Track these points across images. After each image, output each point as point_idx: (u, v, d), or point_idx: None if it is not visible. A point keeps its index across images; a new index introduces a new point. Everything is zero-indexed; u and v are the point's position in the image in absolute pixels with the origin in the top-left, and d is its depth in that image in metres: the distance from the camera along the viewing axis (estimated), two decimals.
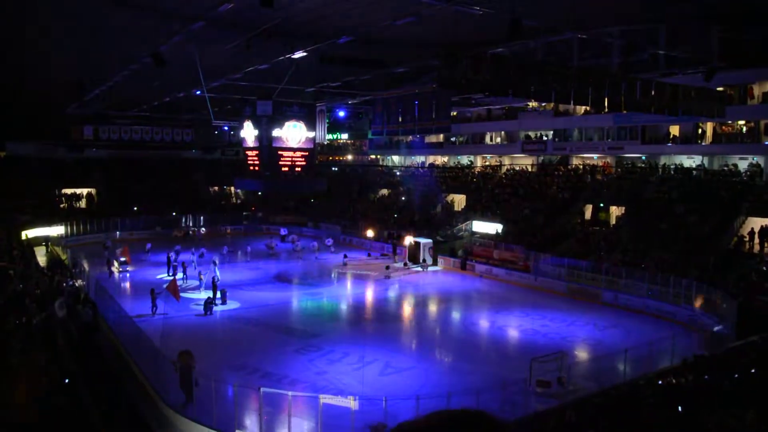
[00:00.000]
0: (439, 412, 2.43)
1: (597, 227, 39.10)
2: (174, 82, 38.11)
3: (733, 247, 31.68)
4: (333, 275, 39.00)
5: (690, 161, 40.44)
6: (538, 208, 43.00)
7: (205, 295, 30.37)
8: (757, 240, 31.19)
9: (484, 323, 28.63)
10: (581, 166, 47.31)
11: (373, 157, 72.25)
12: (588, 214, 41.61)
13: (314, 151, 36.15)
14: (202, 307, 28.49)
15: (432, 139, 61.28)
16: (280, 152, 33.34)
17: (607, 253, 34.45)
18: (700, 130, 39.71)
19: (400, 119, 29.60)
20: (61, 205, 56.10)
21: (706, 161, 39.71)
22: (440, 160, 63.58)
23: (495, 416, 2.29)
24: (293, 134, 33.60)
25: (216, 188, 67.88)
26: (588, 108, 39.04)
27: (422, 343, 25.84)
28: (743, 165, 37.46)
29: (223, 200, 66.42)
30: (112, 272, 36.78)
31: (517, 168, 51.76)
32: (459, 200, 52.09)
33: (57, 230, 47.78)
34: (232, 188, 65.41)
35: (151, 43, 27.79)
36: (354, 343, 24.60)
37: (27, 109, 52.01)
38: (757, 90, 36.46)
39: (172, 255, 37.97)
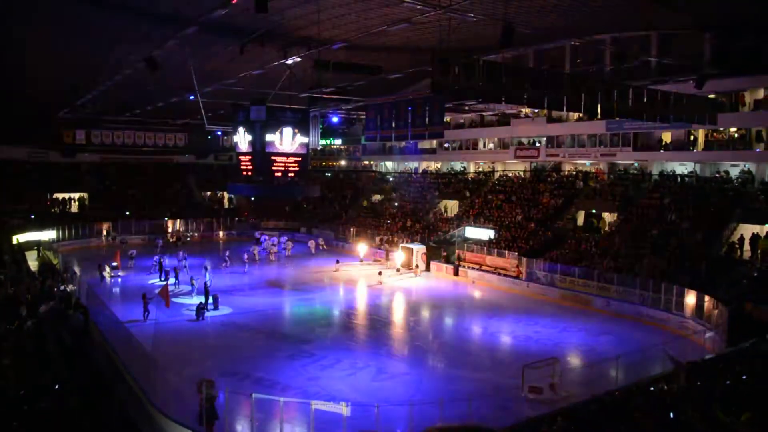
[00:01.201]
0: (440, 428, 2.36)
1: (589, 233, 39.18)
2: (167, 86, 38.08)
3: (724, 253, 31.80)
4: (325, 281, 38.96)
5: (682, 168, 40.58)
6: (530, 215, 43.09)
7: (197, 300, 30.31)
8: (747, 247, 31.31)
9: (476, 329, 28.63)
10: (574, 173, 47.42)
11: (366, 162, 72.24)
12: (580, 221, 41.73)
13: (308, 157, 36.02)
14: (194, 313, 28.43)
15: (425, 144, 61.36)
16: (273, 157, 33.21)
17: (599, 259, 34.53)
18: (692, 137, 39.89)
19: (393, 125, 29.57)
20: (53, 210, 55.88)
21: (698, 168, 39.87)
22: (433, 165, 63.63)
23: (496, 428, 2.26)
24: (286, 139, 33.50)
25: (209, 193, 67.78)
26: (581, 114, 39.23)
27: (415, 349, 25.79)
28: (735, 172, 37.63)
29: (216, 205, 66.29)
30: (103, 277, 36.64)
31: (510, 174, 51.82)
32: (452, 206, 52.16)
33: (48, 234, 47.56)
34: (225, 193, 65.30)
35: (144, 47, 27.77)
36: (346, 348, 24.57)
37: (19, 112, 51.82)
38: (748, 97, 36.63)
39: (164, 259, 37.84)
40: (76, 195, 59.04)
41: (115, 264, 38.10)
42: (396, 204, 55.94)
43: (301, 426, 16.46)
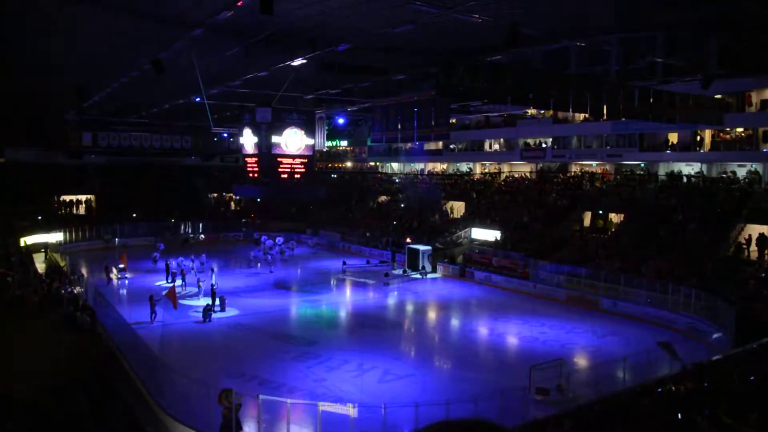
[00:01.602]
0: (447, 422, 2.36)
1: (596, 234, 39.10)
2: (173, 88, 38.21)
3: (731, 254, 31.67)
4: (332, 282, 39.00)
5: (689, 168, 40.47)
6: (537, 216, 43.01)
7: (203, 302, 30.38)
8: (754, 247, 31.17)
9: (483, 330, 28.60)
10: (580, 173, 47.34)
11: (372, 164, 72.30)
12: (587, 222, 41.63)
13: (313, 158, 36.17)
14: (200, 314, 28.50)
15: (431, 146, 61.34)
16: (279, 159, 33.35)
17: (605, 260, 34.44)
18: (698, 138, 39.78)
19: (399, 126, 29.62)
20: (60, 212, 56.09)
21: (704, 168, 39.75)
22: (439, 167, 63.63)
23: (500, 425, 2.26)
24: (292, 141, 33.60)
25: (215, 195, 67.91)
26: (587, 115, 39.14)
27: (421, 351, 25.80)
28: (742, 172, 37.50)
29: (223, 207, 66.44)
30: (110, 279, 36.76)
31: (516, 175, 51.80)
32: (458, 207, 52.11)
33: (56, 237, 47.74)
34: (232, 195, 65.45)
35: (151, 50, 27.87)
36: (353, 350, 24.56)
37: (26, 115, 52.07)
38: (755, 97, 36.52)
39: (171, 262, 37.93)
40: (83, 197, 59.24)
41: (122, 266, 38.21)
42: (402, 205, 55.93)
43: (308, 427, 16.48)
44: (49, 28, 29.06)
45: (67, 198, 58.20)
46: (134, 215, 56.17)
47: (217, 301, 30.15)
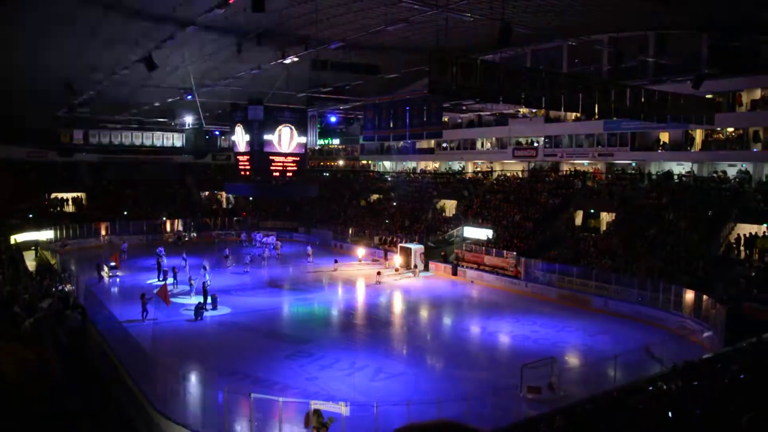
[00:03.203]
0: (412, 426, 2.35)
1: (587, 233, 39.22)
2: (165, 86, 38.05)
3: (722, 253, 31.85)
4: (324, 281, 38.95)
5: (679, 168, 40.64)
6: (528, 214, 43.10)
7: (195, 300, 30.28)
8: (743, 246, 31.36)
9: (474, 329, 28.63)
10: (572, 172, 47.47)
11: (364, 162, 72.27)
12: (578, 220, 41.77)
13: (305, 156, 36.07)
14: (192, 313, 28.41)
15: (423, 144, 61.38)
16: (271, 157, 33.24)
17: (597, 258, 34.57)
18: (689, 137, 39.95)
19: (391, 124, 29.58)
20: (51, 210, 55.78)
21: (695, 168, 39.93)
22: (431, 165, 63.67)
23: (471, 426, 2.24)
24: (284, 139, 33.52)
25: (207, 193, 67.74)
26: (578, 114, 39.24)
27: (413, 349, 25.82)
28: (732, 172, 37.69)
29: (215, 205, 66.26)
30: (101, 277, 36.57)
31: (508, 174, 51.89)
32: (450, 206, 52.18)
33: (46, 234, 47.48)
34: (224, 193, 65.29)
35: (142, 47, 27.75)
36: (345, 348, 24.56)
37: (17, 112, 51.75)
38: (745, 97, 36.70)
39: (163, 260, 37.77)
40: (74, 195, 58.93)
41: (113, 264, 38.02)
42: (394, 204, 55.94)
43: (300, 426, 16.45)
44: (41, 25, 28.89)
45: (58, 196, 57.90)
46: (125, 213, 55.92)
47: (209, 300, 30.07)
